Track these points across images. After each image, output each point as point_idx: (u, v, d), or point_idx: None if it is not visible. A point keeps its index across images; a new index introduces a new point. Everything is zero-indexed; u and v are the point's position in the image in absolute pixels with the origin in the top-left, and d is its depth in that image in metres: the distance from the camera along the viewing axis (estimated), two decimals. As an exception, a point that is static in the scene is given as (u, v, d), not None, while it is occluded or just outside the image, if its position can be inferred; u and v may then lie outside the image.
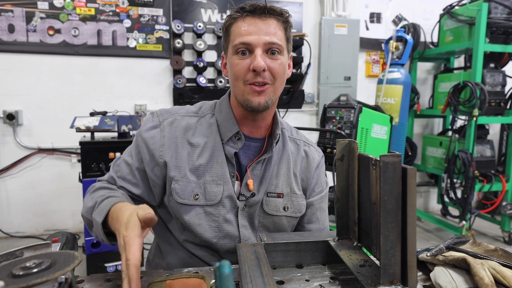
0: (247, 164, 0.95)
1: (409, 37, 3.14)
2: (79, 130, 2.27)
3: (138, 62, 3.23)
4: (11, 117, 2.95)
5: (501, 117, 3.17)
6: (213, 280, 0.68)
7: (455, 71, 3.71)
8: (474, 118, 2.92)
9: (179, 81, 3.21)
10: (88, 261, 2.26)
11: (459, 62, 3.95)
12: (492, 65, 3.19)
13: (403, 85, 3.14)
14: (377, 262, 0.67)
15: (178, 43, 3.19)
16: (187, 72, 3.32)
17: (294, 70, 3.43)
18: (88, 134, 2.35)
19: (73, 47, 3.06)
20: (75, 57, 3.08)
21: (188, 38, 3.30)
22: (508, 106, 3.21)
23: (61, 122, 2.99)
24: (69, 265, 0.53)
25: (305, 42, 3.44)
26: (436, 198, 3.97)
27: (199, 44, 3.22)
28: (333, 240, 0.80)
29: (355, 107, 2.38)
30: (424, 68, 3.97)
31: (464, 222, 3.02)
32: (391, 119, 2.65)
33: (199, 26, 3.20)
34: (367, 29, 3.75)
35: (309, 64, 3.55)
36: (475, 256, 0.70)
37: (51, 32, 3.00)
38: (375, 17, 3.76)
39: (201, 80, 3.26)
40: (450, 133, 3.67)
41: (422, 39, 3.54)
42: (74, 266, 0.53)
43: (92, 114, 2.46)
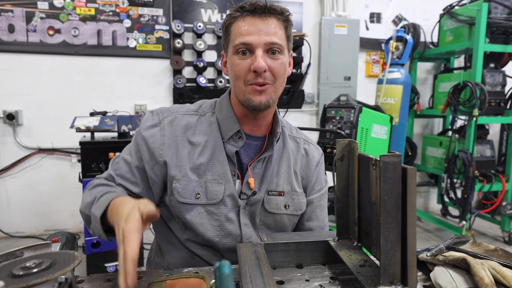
0: (247, 162, 0.95)
1: (409, 37, 3.14)
2: (79, 130, 2.27)
3: (138, 62, 3.23)
4: (11, 117, 2.95)
5: (501, 117, 3.17)
6: (213, 280, 0.68)
7: (455, 71, 3.71)
8: (474, 118, 2.92)
9: (179, 81, 3.21)
10: (88, 261, 2.26)
11: (459, 62, 3.95)
12: (492, 65, 3.19)
13: (403, 85, 3.14)
14: (377, 262, 0.67)
15: (178, 43, 3.19)
16: (187, 72, 3.32)
17: (294, 70, 3.43)
18: (88, 134, 2.36)
19: (73, 47, 3.06)
20: (75, 57, 3.08)
21: (188, 38, 3.30)
22: (508, 106, 3.21)
23: (61, 122, 2.99)
24: (69, 265, 0.53)
25: (305, 42, 3.44)
26: (436, 198, 3.97)
27: (199, 44, 3.22)
28: (333, 240, 0.80)
29: (355, 107, 2.38)
30: (424, 68, 3.97)
31: (464, 222, 3.02)
32: (391, 119, 2.65)
33: (199, 26, 3.19)
34: (367, 29, 3.75)
35: (309, 64, 3.55)
36: (475, 256, 0.70)
37: (51, 32, 3.00)
38: (375, 17, 3.76)
39: (201, 80, 3.26)
40: (450, 133, 3.67)
41: (422, 39, 3.54)
42: (74, 266, 0.53)
43: (92, 114, 2.46)
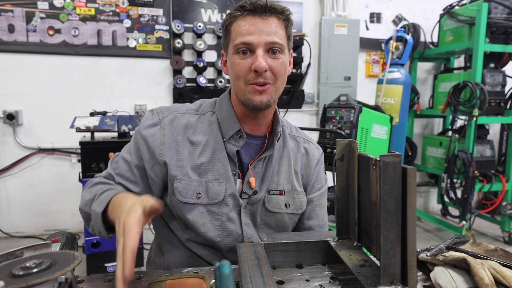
0: (248, 162, 0.95)
1: (409, 37, 3.14)
2: (79, 130, 2.27)
3: (138, 62, 3.22)
4: (11, 117, 2.95)
5: (501, 117, 3.17)
6: (213, 280, 0.68)
7: (455, 71, 3.71)
8: (474, 118, 2.92)
9: (179, 81, 3.21)
10: (88, 261, 2.26)
11: (459, 62, 3.95)
12: (492, 65, 3.19)
13: (403, 85, 3.14)
14: (377, 262, 0.67)
15: (178, 43, 3.19)
16: (187, 72, 3.32)
17: (294, 70, 3.43)
18: (88, 134, 2.36)
19: (73, 47, 3.06)
20: (75, 57, 3.08)
21: (188, 38, 3.30)
22: (508, 106, 3.21)
23: (61, 122, 2.99)
24: (69, 265, 0.53)
25: (305, 42, 3.44)
26: (436, 198, 3.97)
27: (199, 44, 3.22)
28: (333, 240, 0.80)
29: (355, 107, 2.37)
30: (424, 68, 3.97)
31: (464, 222, 3.02)
32: (391, 119, 2.65)
33: (199, 26, 3.19)
34: (367, 29, 3.75)
35: (309, 64, 3.55)
36: (475, 256, 0.70)
37: (51, 32, 3.00)
38: (375, 17, 3.76)
39: (201, 80, 3.26)
40: (450, 133, 3.67)
41: (422, 39, 3.54)
42: (74, 266, 0.53)
43: (92, 114, 2.47)
